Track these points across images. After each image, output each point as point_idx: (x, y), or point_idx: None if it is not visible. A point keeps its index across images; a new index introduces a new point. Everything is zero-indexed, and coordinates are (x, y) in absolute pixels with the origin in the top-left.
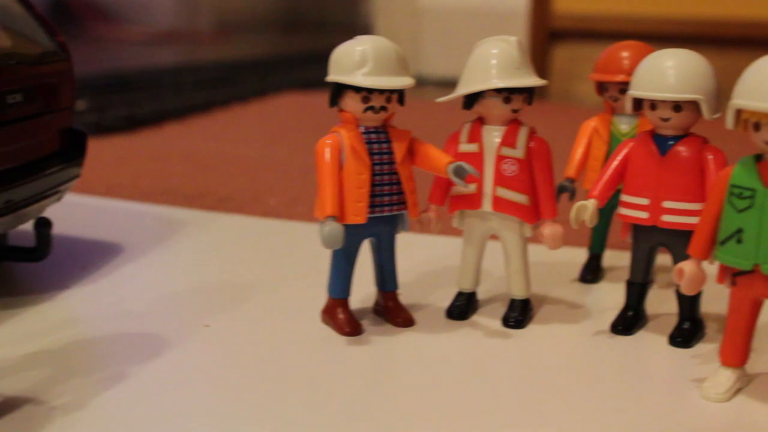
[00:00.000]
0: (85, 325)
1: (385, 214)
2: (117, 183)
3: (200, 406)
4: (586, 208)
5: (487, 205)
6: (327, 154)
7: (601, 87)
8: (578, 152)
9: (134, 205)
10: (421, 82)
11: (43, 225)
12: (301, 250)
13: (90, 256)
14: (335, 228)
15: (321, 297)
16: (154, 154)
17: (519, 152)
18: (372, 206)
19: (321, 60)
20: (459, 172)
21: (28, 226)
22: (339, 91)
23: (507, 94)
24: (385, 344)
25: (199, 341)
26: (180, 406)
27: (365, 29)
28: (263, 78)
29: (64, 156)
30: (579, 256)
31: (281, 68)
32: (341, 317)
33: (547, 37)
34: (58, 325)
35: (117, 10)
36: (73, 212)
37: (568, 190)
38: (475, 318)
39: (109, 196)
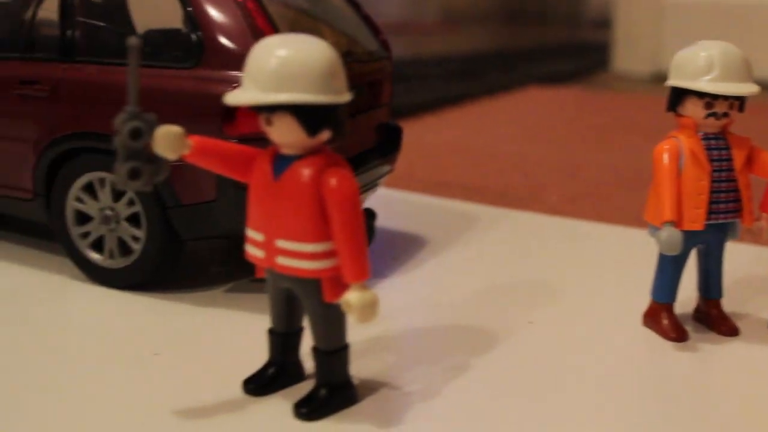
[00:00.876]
0: (410, 313)
1: (720, 221)
2: (394, 173)
3: (541, 404)
4: None
5: None
6: (666, 159)
7: None
8: None
9: (417, 197)
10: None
11: (369, 216)
12: (599, 250)
13: (397, 248)
14: (674, 234)
15: (635, 299)
16: (420, 146)
17: None
18: (708, 213)
19: (556, 54)
20: None
21: None
22: (680, 95)
23: None
24: (711, 352)
25: (526, 336)
26: (527, 403)
27: (593, 22)
28: (503, 71)
29: (383, 150)
30: None
31: (516, 61)
32: (666, 322)
33: None
34: (386, 312)
35: None
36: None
37: None
38: None
39: (388, 187)
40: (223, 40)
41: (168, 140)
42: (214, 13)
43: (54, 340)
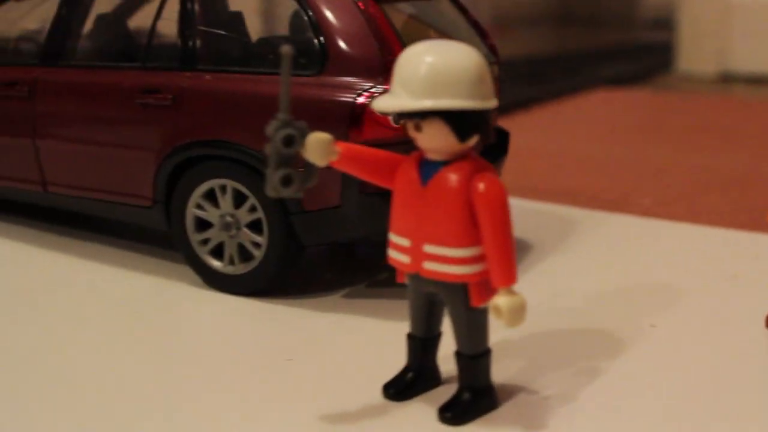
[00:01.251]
0: (530, 318)
1: None
2: None
3: (680, 404)
4: None
5: None
6: None
7: None
8: None
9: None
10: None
11: None
12: (704, 253)
13: None
14: None
15: (751, 301)
16: None
17: None
18: None
19: (613, 56)
20: None
21: None
22: None
23: None
24: None
25: (651, 339)
26: (666, 404)
27: (649, 22)
28: (565, 75)
29: (493, 155)
30: None
31: (576, 64)
32: None
33: None
34: None
35: None
36: None
37: None
38: None
39: None
40: (348, 47)
41: (319, 147)
42: (337, 20)
43: (182, 347)
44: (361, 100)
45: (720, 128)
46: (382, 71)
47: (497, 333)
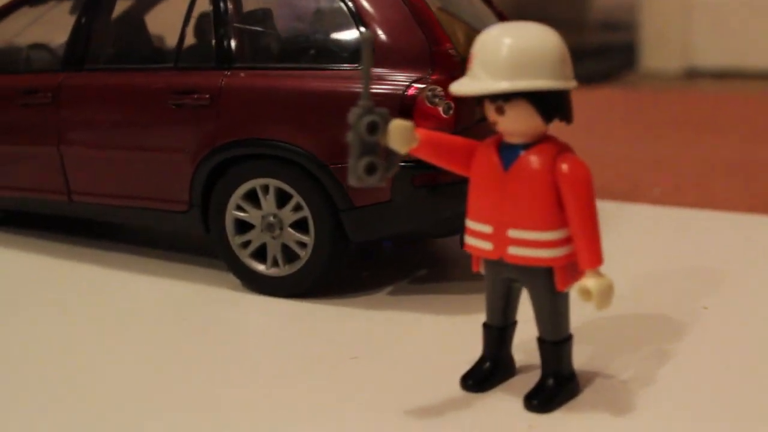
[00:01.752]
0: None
1: None
2: None
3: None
4: None
5: None
6: None
7: None
8: None
9: None
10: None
11: None
12: (726, 238)
13: None
14: None
15: None
16: None
17: None
18: None
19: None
20: None
21: None
22: None
23: None
24: None
25: (706, 321)
26: (740, 384)
27: (600, 25)
28: None
29: None
30: None
31: None
32: None
33: None
34: None
35: None
36: None
37: None
38: None
39: None
40: (393, 39)
41: (402, 133)
42: (380, 10)
43: (240, 351)
44: (410, 92)
45: (698, 120)
46: (429, 62)
47: None
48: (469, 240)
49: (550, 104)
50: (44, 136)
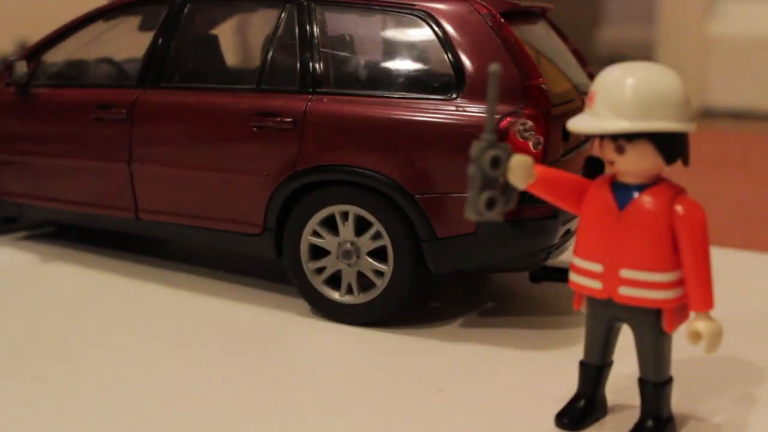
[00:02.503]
0: None
1: None
2: None
3: None
4: None
5: None
6: None
7: None
8: None
9: None
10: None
11: None
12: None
13: None
14: None
15: None
16: None
17: None
18: None
19: None
20: None
21: None
22: None
23: None
24: None
25: None
26: None
27: (605, 60)
28: None
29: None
30: None
31: None
32: None
33: None
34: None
35: None
36: None
37: None
38: None
39: None
40: (485, 70)
41: (522, 169)
42: (472, 42)
43: (319, 379)
44: (502, 124)
45: (717, 158)
46: (521, 96)
47: (622, 364)
48: (576, 278)
49: (672, 145)
50: (115, 151)
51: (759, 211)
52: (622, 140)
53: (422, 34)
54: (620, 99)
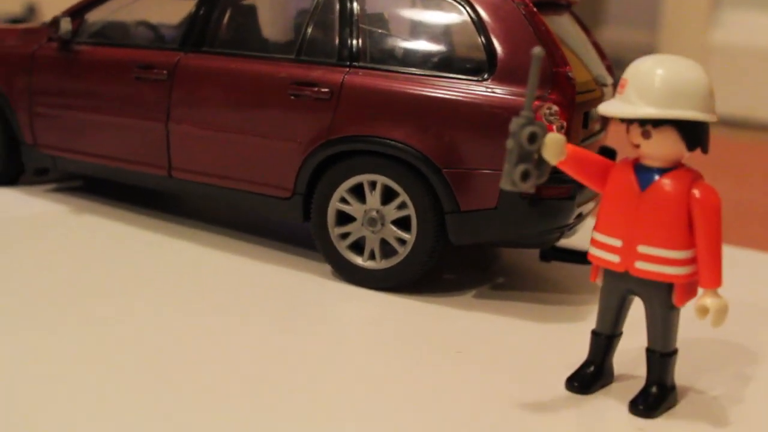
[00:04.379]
0: None
1: None
2: None
3: None
4: None
5: None
6: None
7: None
8: None
9: None
10: None
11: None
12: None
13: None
14: None
15: None
16: None
17: None
18: None
19: None
20: None
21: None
22: None
23: None
24: None
25: None
26: None
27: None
28: None
29: None
30: None
31: None
32: None
33: None
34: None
35: None
36: None
37: None
38: None
39: None
40: (518, 56)
41: (556, 146)
42: (505, 27)
43: (342, 339)
44: None
45: (720, 165)
46: (549, 82)
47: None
48: (596, 251)
49: (694, 134)
50: (153, 110)
51: (755, 212)
52: (649, 126)
53: (458, 17)
54: (650, 87)
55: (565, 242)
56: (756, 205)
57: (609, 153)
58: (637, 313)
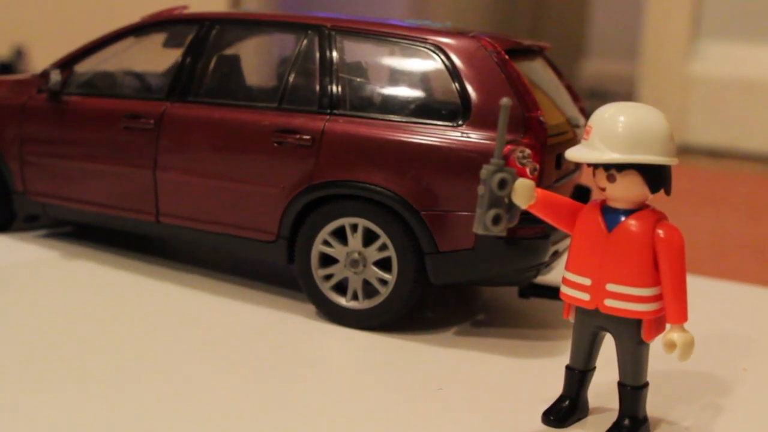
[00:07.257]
0: None
1: None
2: None
3: None
4: None
5: None
6: None
7: None
8: None
9: None
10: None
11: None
12: (742, 311)
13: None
14: None
15: None
16: None
17: None
18: None
19: None
20: None
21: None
22: None
23: None
24: None
25: (748, 380)
26: None
27: (586, 93)
28: None
29: None
30: None
31: None
32: None
33: None
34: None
35: None
36: None
37: None
38: None
39: None
40: (490, 102)
41: (525, 191)
42: (478, 75)
43: (325, 378)
44: (504, 151)
45: (697, 194)
46: (522, 126)
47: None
48: (567, 290)
49: (657, 177)
50: (141, 158)
51: (735, 243)
52: (613, 170)
53: (433, 65)
54: (613, 134)
55: (542, 279)
56: (735, 236)
57: (584, 191)
58: (609, 348)
